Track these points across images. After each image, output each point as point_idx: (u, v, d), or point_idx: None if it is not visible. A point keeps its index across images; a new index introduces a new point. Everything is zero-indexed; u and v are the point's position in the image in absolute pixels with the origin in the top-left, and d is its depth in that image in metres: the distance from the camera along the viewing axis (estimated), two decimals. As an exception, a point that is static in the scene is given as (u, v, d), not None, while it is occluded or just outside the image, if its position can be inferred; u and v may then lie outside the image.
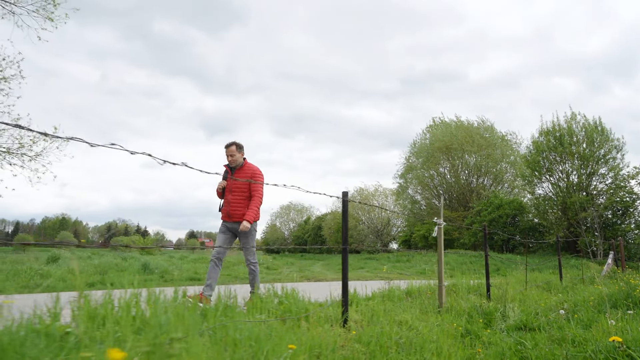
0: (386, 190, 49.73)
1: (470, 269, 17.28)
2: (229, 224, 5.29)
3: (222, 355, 1.87)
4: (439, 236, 4.97)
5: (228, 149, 5.28)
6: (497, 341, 3.71)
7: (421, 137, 39.50)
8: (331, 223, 51.95)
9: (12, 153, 12.46)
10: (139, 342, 1.82)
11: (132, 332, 2.37)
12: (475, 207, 30.78)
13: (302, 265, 25.69)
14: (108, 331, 2.18)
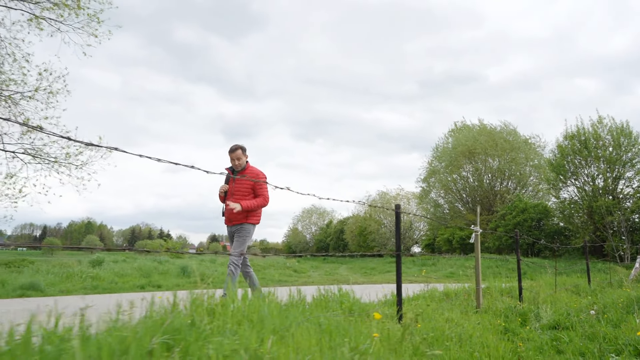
0: (408, 194, 49.94)
1: (496, 272, 17.52)
2: (230, 228, 5.26)
3: (324, 339, 2.36)
4: (476, 242, 5.40)
5: (234, 153, 5.23)
6: (534, 338, 4.14)
7: (443, 141, 39.69)
8: (353, 227, 52.34)
9: (60, 162, 13.25)
10: (263, 329, 2.33)
11: (236, 324, 2.89)
12: (500, 210, 30.86)
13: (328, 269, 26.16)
14: (223, 322, 2.70)
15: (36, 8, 12.94)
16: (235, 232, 5.14)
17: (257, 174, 5.25)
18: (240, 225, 5.13)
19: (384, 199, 50.36)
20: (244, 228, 5.14)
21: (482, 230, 5.53)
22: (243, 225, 5.13)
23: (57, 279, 9.66)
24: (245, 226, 5.16)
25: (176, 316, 2.14)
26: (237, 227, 5.15)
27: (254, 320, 2.75)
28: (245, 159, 5.29)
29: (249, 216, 5.16)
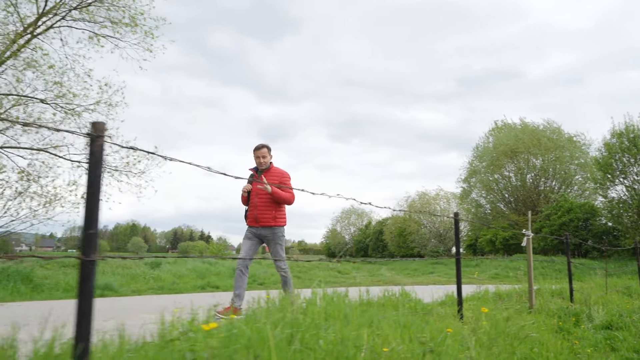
0: (448, 194, 49.56)
1: (542, 273, 17.39)
2: (256, 229, 5.11)
3: (405, 333, 2.75)
4: (527, 246, 5.65)
5: (259, 151, 5.13)
6: (589, 336, 4.39)
7: (484, 140, 39.27)
8: (392, 227, 52.32)
9: (120, 171, 14.13)
10: (349, 324, 2.74)
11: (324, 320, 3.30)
12: (544, 210, 30.32)
13: (370, 270, 26.42)
14: (312, 318, 3.12)
15: (95, 26, 13.84)
16: (268, 239, 5.07)
17: (282, 174, 5.18)
18: (270, 229, 5.03)
19: (423, 200, 50.13)
20: (276, 233, 5.07)
21: (533, 234, 5.77)
22: (274, 229, 5.05)
23: (124, 279, 10.37)
24: (277, 230, 5.08)
25: (286, 312, 2.57)
26: (266, 230, 5.04)
27: (339, 317, 3.16)
28: (270, 159, 5.19)
29: (277, 217, 5.06)
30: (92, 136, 1.43)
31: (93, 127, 1.45)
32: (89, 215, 1.44)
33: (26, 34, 12.90)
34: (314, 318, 3.15)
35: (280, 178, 5.10)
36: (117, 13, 13.54)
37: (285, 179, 5.14)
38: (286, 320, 2.37)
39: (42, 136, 13.83)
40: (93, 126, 1.46)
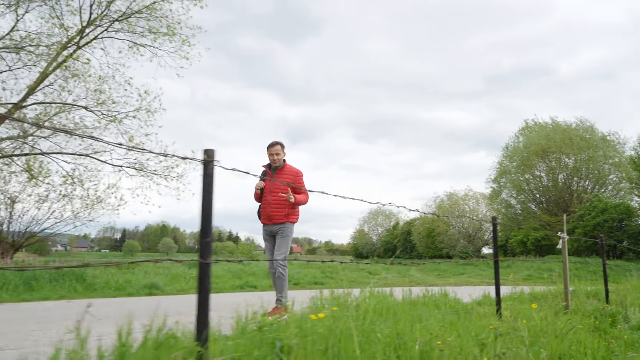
0: (477, 194, 49.12)
1: (576, 274, 17.24)
2: (269, 227, 5.12)
3: (454, 328, 3.01)
4: (563, 248, 5.80)
5: (273, 148, 5.08)
6: (625, 336, 4.54)
7: (514, 140, 38.79)
8: (420, 228, 52.15)
9: (159, 175, 14.70)
10: (399, 320, 3.01)
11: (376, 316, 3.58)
12: (577, 211, 29.82)
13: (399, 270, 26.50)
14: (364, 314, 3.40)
15: (134, 36, 14.42)
16: (278, 231, 5.05)
17: (295, 172, 5.14)
18: (282, 224, 5.01)
19: (452, 200, 49.83)
20: (286, 227, 5.04)
21: (568, 237, 5.92)
22: (285, 224, 5.02)
23: (166, 279, 10.85)
24: (288, 225, 5.04)
25: (343, 309, 2.87)
26: (278, 226, 5.03)
27: (388, 314, 3.44)
28: (283, 156, 5.16)
29: (289, 215, 5.04)
30: (205, 161, 1.75)
31: (206, 154, 1.77)
32: (204, 227, 1.76)
33: (71, 45, 13.58)
34: (366, 315, 3.44)
35: (294, 177, 5.05)
36: (155, 22, 14.10)
37: (298, 177, 5.11)
38: (345, 316, 2.66)
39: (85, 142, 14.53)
40: (205, 153, 1.77)
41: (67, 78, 13.54)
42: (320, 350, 1.99)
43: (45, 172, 14.88)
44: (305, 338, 2.08)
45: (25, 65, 13.57)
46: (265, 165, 5.24)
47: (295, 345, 2.01)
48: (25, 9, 13.20)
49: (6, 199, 15.47)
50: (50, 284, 7.84)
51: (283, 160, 5.16)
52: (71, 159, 14.82)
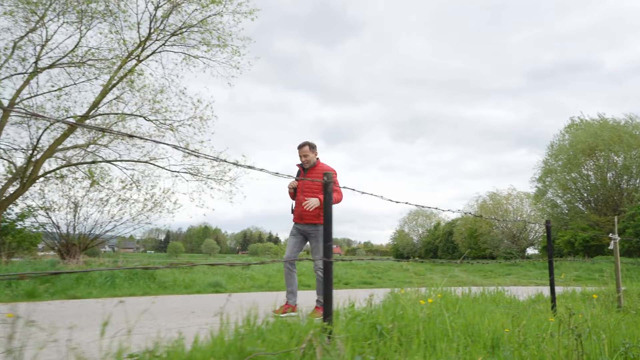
0: (521, 194, 48.15)
1: (627, 275, 16.92)
2: (300, 226, 5.13)
3: (516, 320, 3.40)
4: (615, 249, 6.03)
5: (301, 149, 5.14)
6: (678, 333, 4.77)
7: (559, 138, 37.95)
8: (462, 229, 51.56)
9: (213, 179, 15.52)
10: (465, 315, 3.43)
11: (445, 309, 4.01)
12: (628, 210, 28.98)
13: (442, 271, 26.55)
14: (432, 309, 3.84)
15: (186, 48, 15.28)
16: (311, 234, 5.05)
17: (327, 169, 5.08)
18: (314, 227, 5.02)
19: (495, 200, 49.05)
20: (319, 230, 5.02)
21: (620, 238, 6.13)
22: (318, 227, 5.01)
23: (224, 278, 11.54)
24: (320, 227, 5.00)
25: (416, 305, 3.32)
26: (310, 227, 5.05)
27: (454, 308, 3.86)
28: (314, 156, 5.19)
29: (321, 215, 4.93)
30: (325, 182, 2.24)
31: (326, 176, 2.26)
32: (327, 233, 2.26)
33: (131, 59, 14.52)
34: (434, 309, 3.87)
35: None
36: (208, 35, 14.89)
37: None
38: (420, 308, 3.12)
39: (143, 149, 15.50)
40: (325, 175, 2.27)
41: (128, 90, 14.50)
42: (412, 331, 2.46)
43: (106, 178, 15.98)
44: (398, 322, 2.55)
45: (88, 79, 14.66)
46: (298, 164, 5.28)
47: (391, 328, 2.48)
48: (88, 26, 14.24)
49: (71, 203, 16.62)
50: (127, 282, 8.61)
51: (316, 159, 5.22)
52: (129, 165, 15.86)
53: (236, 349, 1.89)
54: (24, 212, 15.03)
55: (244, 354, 1.88)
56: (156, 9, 14.01)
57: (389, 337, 2.40)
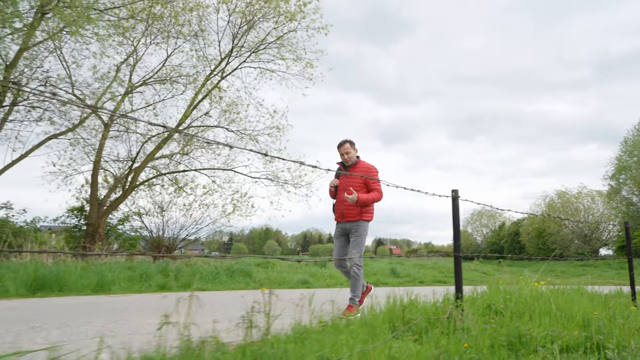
0: (592, 192, 46.29)
1: None
2: (343, 225, 5.09)
3: (604, 308, 4.01)
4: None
5: (342, 147, 5.13)
6: None
7: (633, 133, 36.30)
8: (529, 228, 50.22)
9: (290, 184, 16.60)
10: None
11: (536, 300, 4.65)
12: None
13: (511, 272, 26.33)
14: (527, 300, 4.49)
15: (264, 63, 16.45)
16: (351, 230, 4.99)
17: (368, 168, 5.08)
18: (355, 222, 4.97)
19: (563, 199, 47.49)
20: (360, 226, 4.97)
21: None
22: (359, 222, 4.96)
23: (306, 276, 12.51)
24: (362, 224, 4.99)
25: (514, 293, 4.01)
26: (351, 224, 5.00)
27: (542, 300, 4.50)
28: (354, 153, 5.15)
29: (363, 212, 4.99)
30: (453, 196, 3.01)
31: (453, 192, 3.04)
32: (456, 234, 3.04)
33: (214, 75, 15.87)
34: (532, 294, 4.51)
35: (366, 173, 4.98)
36: (283, 50, 15.98)
37: (371, 173, 5.02)
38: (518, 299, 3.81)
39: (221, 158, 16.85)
40: (453, 191, 3.05)
41: (216, 106, 15.87)
42: (520, 309, 3.18)
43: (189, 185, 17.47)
44: (508, 303, 3.28)
45: (172, 95, 16.18)
46: (339, 162, 5.27)
47: (503, 308, 3.21)
48: (174, 46, 15.71)
49: (157, 208, 18.26)
50: (229, 279, 9.73)
51: (357, 157, 5.18)
52: (210, 172, 17.29)
53: (400, 316, 2.70)
54: (123, 216, 16.76)
55: (406, 320, 2.68)
56: (238, 29, 15.24)
57: (502, 314, 3.13)
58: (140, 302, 5.51)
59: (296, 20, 15.33)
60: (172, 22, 15.11)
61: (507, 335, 2.58)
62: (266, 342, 2.10)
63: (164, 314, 1.95)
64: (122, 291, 6.59)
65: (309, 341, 2.19)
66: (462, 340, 2.46)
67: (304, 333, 2.42)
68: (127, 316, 4.19)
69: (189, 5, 15.20)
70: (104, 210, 15.10)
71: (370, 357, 1.88)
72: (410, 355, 2.04)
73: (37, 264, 6.63)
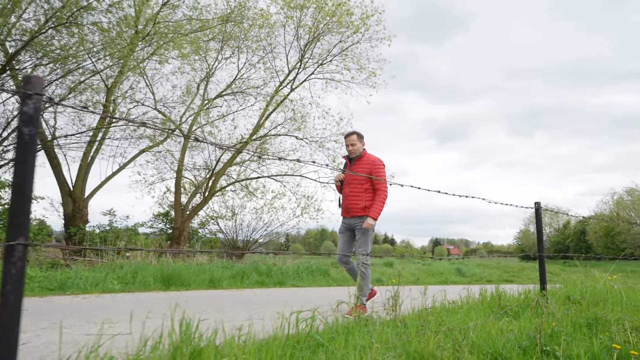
0: (666, 188, 44.10)
1: None
2: (347, 220, 4.91)
3: None
4: None
5: (348, 138, 4.93)
6: None
7: None
8: (596, 227, 48.47)
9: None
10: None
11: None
12: None
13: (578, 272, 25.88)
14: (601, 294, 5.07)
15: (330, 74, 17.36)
16: (357, 227, 4.78)
17: (373, 161, 4.88)
18: (360, 218, 4.77)
19: (634, 196, 45.55)
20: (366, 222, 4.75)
21: None
22: (364, 218, 4.75)
23: (375, 274, 13.29)
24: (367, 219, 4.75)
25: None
26: (356, 220, 4.79)
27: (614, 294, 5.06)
28: (361, 146, 4.94)
29: (367, 208, 4.78)
30: (536, 208, 3.72)
31: (536, 204, 3.74)
32: (539, 240, 3.74)
33: (282, 87, 16.97)
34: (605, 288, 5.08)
35: (371, 166, 4.79)
36: (348, 60, 16.84)
37: (377, 167, 4.83)
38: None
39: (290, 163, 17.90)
40: (536, 204, 3.75)
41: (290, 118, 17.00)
42: (596, 300, 3.84)
43: (259, 189, 18.70)
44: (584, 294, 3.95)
45: (242, 108, 17.44)
46: (344, 156, 5.12)
47: (580, 298, 3.88)
48: (244, 60, 16.93)
49: (229, 212, 19.63)
50: (310, 277, 10.68)
51: (363, 150, 4.96)
52: (280, 178, 18.47)
53: (497, 303, 3.44)
54: (203, 220, 18.22)
55: (502, 306, 3.42)
56: (306, 43, 16.24)
57: (580, 303, 3.81)
58: (256, 295, 6.53)
59: (360, 33, 16.14)
60: (242, 38, 16.35)
61: (586, 318, 3.26)
62: (405, 317, 2.93)
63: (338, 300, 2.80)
64: (230, 286, 7.65)
65: (433, 317, 2.99)
66: (550, 321, 3.19)
67: (424, 313, 3.24)
68: (259, 306, 5.17)
69: (258, 22, 16.34)
70: (187, 215, 16.54)
71: (486, 327, 2.65)
72: (513, 328, 2.80)
73: (162, 264, 7.81)
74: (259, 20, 16.20)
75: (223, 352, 1.89)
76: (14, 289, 1.18)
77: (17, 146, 1.23)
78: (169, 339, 2.01)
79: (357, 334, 2.41)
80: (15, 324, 1.17)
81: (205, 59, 16.62)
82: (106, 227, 12.86)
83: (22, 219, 1.20)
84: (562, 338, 2.42)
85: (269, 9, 15.91)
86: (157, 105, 15.61)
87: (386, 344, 2.27)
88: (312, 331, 2.42)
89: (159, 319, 3.40)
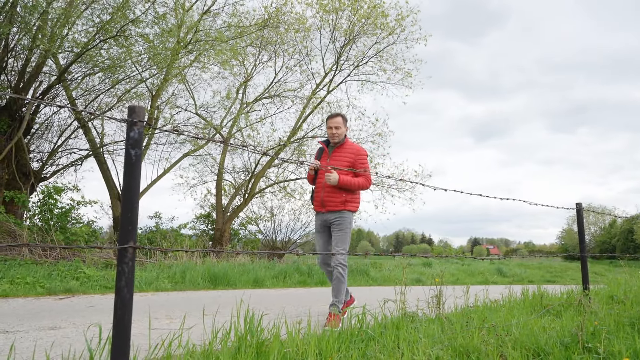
0: None
1: None
2: (322, 215, 4.28)
3: None
4: None
5: (333, 119, 4.29)
6: None
7: None
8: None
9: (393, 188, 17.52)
10: None
11: None
12: None
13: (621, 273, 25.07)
14: None
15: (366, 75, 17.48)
16: (333, 222, 4.20)
17: (358, 150, 4.32)
18: (338, 213, 4.17)
19: (686, 193, 43.40)
20: (344, 217, 4.21)
21: None
22: (342, 213, 4.19)
23: (415, 274, 13.36)
24: (346, 215, 4.22)
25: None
26: (333, 214, 4.19)
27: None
28: (344, 131, 4.32)
29: (347, 202, 4.20)
30: (577, 209, 3.79)
31: (577, 205, 3.81)
32: (581, 240, 3.81)
33: (319, 90, 17.20)
34: None
35: (354, 156, 4.24)
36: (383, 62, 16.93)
37: (361, 157, 4.29)
38: None
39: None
40: (577, 204, 3.82)
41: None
42: (639, 300, 3.87)
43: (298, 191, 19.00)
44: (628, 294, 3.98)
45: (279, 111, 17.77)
46: (322, 141, 4.54)
47: (624, 298, 3.92)
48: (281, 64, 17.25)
49: (268, 213, 20.01)
50: (348, 276, 10.86)
51: (344, 136, 4.36)
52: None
53: (539, 302, 3.54)
54: (243, 222, 18.69)
55: (544, 304, 3.52)
56: (341, 46, 16.43)
57: (624, 302, 3.85)
58: (299, 294, 6.77)
59: (395, 34, 16.20)
60: (279, 42, 16.67)
61: (629, 317, 3.32)
62: (448, 314, 3.08)
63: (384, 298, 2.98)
64: (273, 286, 7.93)
65: (476, 314, 3.13)
66: (592, 319, 3.27)
67: (467, 311, 3.37)
68: (305, 304, 5.40)
69: (294, 26, 16.62)
70: (228, 217, 17.02)
71: (529, 325, 2.77)
72: (555, 326, 2.90)
73: (208, 264, 8.17)
74: (295, 24, 16.49)
75: (286, 344, 2.11)
76: (127, 285, 1.42)
77: (125, 165, 1.48)
78: (234, 331, 2.24)
79: (405, 329, 2.59)
80: (128, 313, 1.42)
81: (243, 63, 17.03)
82: (152, 229, 13.45)
83: (131, 226, 1.45)
84: (603, 335, 2.52)
85: (304, 13, 16.17)
86: (198, 110, 16.13)
87: (433, 339, 2.43)
88: (363, 326, 2.61)
89: (220, 315, 3.66)
